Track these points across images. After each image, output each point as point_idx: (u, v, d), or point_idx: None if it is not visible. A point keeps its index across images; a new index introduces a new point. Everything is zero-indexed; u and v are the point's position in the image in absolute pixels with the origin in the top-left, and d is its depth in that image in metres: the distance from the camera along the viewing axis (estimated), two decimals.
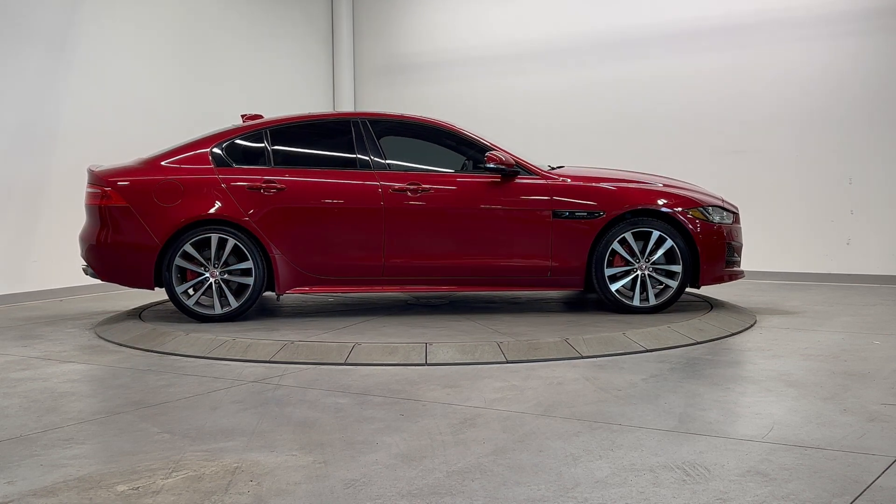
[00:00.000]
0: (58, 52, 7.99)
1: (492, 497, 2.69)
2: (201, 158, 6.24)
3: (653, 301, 5.98)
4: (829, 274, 8.33)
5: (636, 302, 5.97)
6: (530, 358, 4.77)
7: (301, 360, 4.84)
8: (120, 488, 2.83)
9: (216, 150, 6.26)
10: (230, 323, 5.91)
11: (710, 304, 6.44)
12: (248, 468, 3.01)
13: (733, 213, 6.26)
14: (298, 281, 6.09)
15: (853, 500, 2.61)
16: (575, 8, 9.59)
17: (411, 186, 6.00)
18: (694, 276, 6.01)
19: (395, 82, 10.92)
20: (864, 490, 2.69)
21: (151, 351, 5.26)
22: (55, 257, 7.99)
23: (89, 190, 6.32)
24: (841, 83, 8.22)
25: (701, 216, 5.98)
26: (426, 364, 4.72)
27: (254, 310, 6.52)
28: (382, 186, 6.01)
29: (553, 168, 6.36)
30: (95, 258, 6.25)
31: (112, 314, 6.65)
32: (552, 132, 9.61)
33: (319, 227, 6.03)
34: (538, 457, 3.08)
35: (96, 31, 8.32)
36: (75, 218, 8.14)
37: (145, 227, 6.06)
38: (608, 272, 5.95)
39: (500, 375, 4.43)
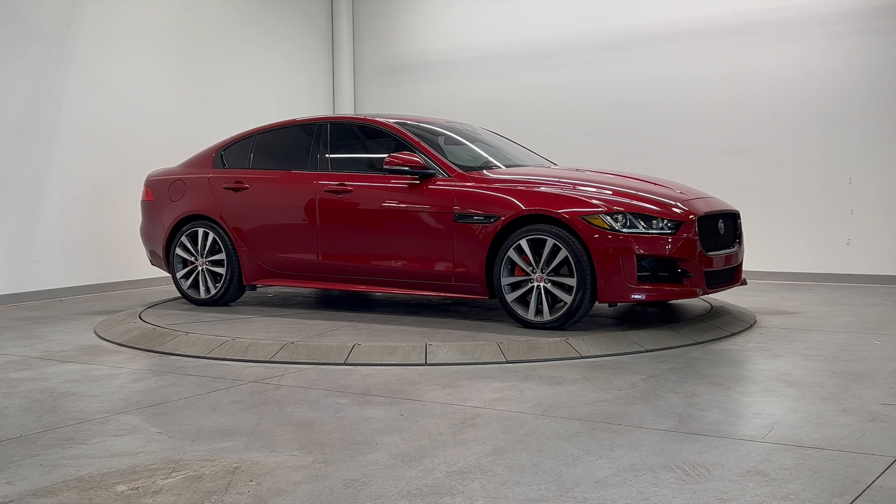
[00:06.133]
0: (58, 52, 7.99)
1: (492, 497, 2.69)
2: (207, 160, 7.08)
3: (547, 316, 5.35)
4: (829, 274, 8.32)
5: (531, 315, 5.40)
6: (530, 358, 4.77)
7: (301, 360, 4.84)
8: (120, 488, 2.83)
9: (219, 152, 7.03)
10: (228, 322, 5.93)
11: (710, 305, 6.44)
12: (248, 468, 3.01)
13: (677, 222, 5.31)
14: (259, 274, 6.63)
15: (853, 500, 2.61)
16: (575, 8, 9.58)
17: (338, 187, 6.19)
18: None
19: (395, 82, 10.92)
20: (864, 490, 2.69)
21: (151, 351, 5.26)
22: (55, 257, 7.99)
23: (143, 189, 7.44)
24: (841, 83, 8.22)
25: (602, 224, 5.21)
26: (426, 364, 4.72)
27: (254, 307, 6.54)
28: (318, 187, 6.29)
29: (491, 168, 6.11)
30: (144, 246, 7.38)
31: (112, 314, 6.65)
32: (552, 131, 9.59)
33: (271, 224, 6.51)
34: (538, 457, 3.08)
35: (96, 31, 8.32)
36: (75, 218, 8.16)
37: (160, 219, 7.09)
38: (505, 281, 5.46)
39: (500, 375, 4.42)
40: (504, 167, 6.28)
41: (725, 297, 6.91)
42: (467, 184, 5.74)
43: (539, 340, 5.00)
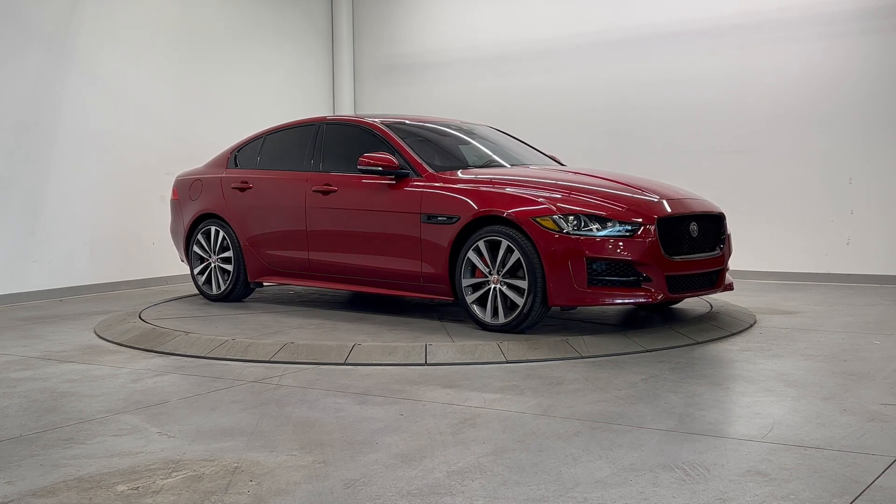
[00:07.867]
0: (58, 52, 7.99)
1: (492, 497, 2.69)
2: (223, 161, 7.27)
3: (501, 318, 5.28)
4: (829, 274, 8.32)
5: (488, 318, 5.34)
6: (530, 358, 4.77)
7: (301, 360, 4.84)
8: (120, 488, 2.83)
9: (234, 153, 7.22)
10: (230, 321, 5.93)
11: (710, 305, 6.44)
12: (248, 468, 3.01)
13: (634, 224, 5.14)
14: (262, 272, 6.78)
15: (853, 500, 2.61)
16: (575, 8, 9.59)
17: (324, 187, 6.30)
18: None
19: (395, 82, 10.92)
20: (864, 490, 2.69)
21: (151, 351, 5.26)
22: (55, 257, 7.99)
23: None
24: (841, 83, 8.22)
25: (552, 226, 5.10)
26: (426, 364, 4.72)
27: (261, 304, 6.55)
28: (308, 186, 6.39)
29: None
30: (174, 243, 7.61)
31: (112, 314, 6.64)
32: (552, 132, 9.58)
33: (270, 223, 6.65)
34: (538, 457, 3.08)
35: (96, 30, 8.32)
36: (75, 218, 8.16)
37: (182, 218, 7.33)
38: (466, 283, 5.42)
39: (500, 375, 4.42)
40: (509, 166, 6.30)
41: (725, 297, 6.91)
42: (435, 184, 5.72)
43: (539, 341, 5.00)
